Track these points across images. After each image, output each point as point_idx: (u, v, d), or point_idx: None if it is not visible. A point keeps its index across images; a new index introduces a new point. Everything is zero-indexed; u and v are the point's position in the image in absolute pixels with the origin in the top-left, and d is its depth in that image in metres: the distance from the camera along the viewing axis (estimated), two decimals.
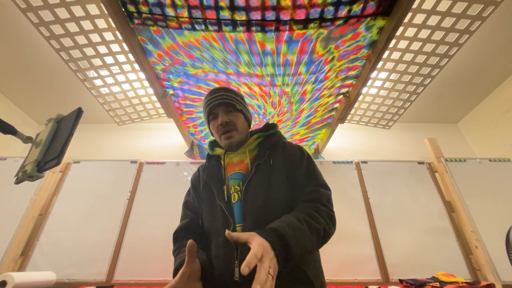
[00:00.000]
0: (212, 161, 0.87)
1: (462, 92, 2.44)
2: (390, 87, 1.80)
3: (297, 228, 0.59)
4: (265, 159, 0.78)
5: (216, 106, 0.84)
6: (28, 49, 1.97)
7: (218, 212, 0.73)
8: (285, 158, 0.80)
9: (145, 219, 1.91)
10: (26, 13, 1.25)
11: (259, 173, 0.75)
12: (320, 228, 0.63)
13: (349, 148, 2.65)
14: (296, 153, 0.82)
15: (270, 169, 0.76)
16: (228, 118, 0.83)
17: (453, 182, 2.01)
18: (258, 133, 0.87)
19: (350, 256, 1.77)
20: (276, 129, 0.90)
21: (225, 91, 0.87)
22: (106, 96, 1.81)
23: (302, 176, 0.76)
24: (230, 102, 0.84)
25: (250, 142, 0.85)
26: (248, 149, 0.83)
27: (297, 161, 0.79)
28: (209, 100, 0.86)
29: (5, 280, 1.33)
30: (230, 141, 0.82)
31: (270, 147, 0.82)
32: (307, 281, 0.63)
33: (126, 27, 1.26)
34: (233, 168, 0.81)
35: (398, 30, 1.23)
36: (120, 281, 1.70)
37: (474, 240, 1.77)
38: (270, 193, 0.72)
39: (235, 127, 0.83)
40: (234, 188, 0.76)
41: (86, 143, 2.65)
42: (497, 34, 1.89)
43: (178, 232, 0.80)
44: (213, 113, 0.86)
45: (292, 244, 0.55)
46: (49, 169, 0.76)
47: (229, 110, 0.85)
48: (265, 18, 1.19)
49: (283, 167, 0.77)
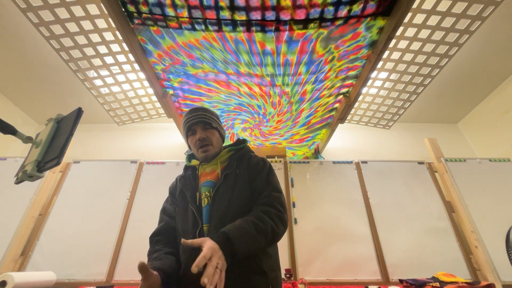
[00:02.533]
0: (188, 171, 0.98)
1: (462, 92, 2.44)
2: (390, 87, 1.80)
3: (244, 230, 0.71)
4: (233, 169, 0.90)
5: (195, 123, 0.95)
6: (28, 49, 1.97)
7: (189, 215, 0.84)
8: (249, 168, 0.92)
9: (145, 219, 1.92)
10: (26, 13, 1.25)
11: (226, 181, 0.87)
12: (267, 228, 0.74)
13: (349, 148, 2.65)
14: (259, 163, 0.94)
15: (236, 177, 0.88)
16: (205, 134, 0.94)
17: (453, 182, 2.01)
18: (229, 147, 0.99)
19: (350, 256, 1.77)
20: (246, 144, 1.02)
21: (203, 111, 0.98)
22: (106, 96, 1.81)
23: (261, 183, 0.87)
24: (207, 120, 0.96)
25: (222, 154, 0.96)
26: (220, 161, 0.94)
27: (259, 171, 0.91)
28: (188, 118, 0.97)
29: (5, 280, 1.33)
30: (206, 154, 0.93)
31: (238, 159, 0.94)
32: (261, 272, 0.75)
33: (126, 27, 1.26)
34: (206, 177, 0.92)
35: (398, 30, 1.24)
36: (120, 281, 1.69)
37: (474, 240, 1.77)
38: (233, 198, 0.83)
39: (211, 142, 0.95)
40: (205, 194, 0.87)
41: (86, 143, 2.65)
42: (497, 34, 1.89)
43: (152, 236, 0.91)
44: (191, 129, 0.96)
45: (237, 244, 0.66)
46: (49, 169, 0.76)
47: (206, 128, 0.96)
48: (265, 18, 1.19)
49: (247, 176, 0.89)
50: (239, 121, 2.13)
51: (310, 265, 1.74)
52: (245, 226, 0.72)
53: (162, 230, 0.91)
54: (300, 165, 2.20)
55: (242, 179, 0.88)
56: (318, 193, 2.04)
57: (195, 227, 0.80)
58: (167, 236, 0.89)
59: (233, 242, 0.66)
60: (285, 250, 1.78)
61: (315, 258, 1.76)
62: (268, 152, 2.26)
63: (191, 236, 0.79)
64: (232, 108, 1.94)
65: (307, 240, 1.83)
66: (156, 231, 0.91)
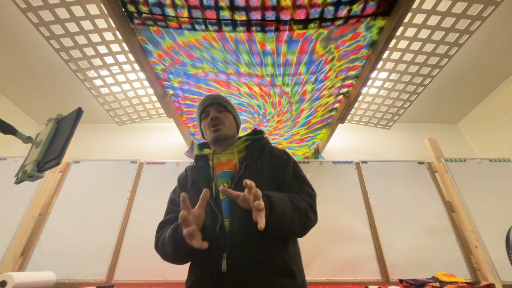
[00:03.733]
0: (201, 161, 0.91)
1: (462, 92, 2.44)
2: (390, 87, 1.80)
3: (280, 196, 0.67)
4: (253, 160, 0.84)
5: (209, 105, 0.93)
6: (28, 49, 1.97)
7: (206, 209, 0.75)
8: (273, 160, 0.86)
9: (145, 219, 1.92)
10: (26, 13, 1.25)
11: (247, 172, 0.80)
12: (301, 208, 0.70)
13: (349, 148, 2.65)
14: (282, 156, 0.89)
15: (257, 169, 0.82)
16: (218, 115, 0.91)
17: (453, 182, 2.01)
18: (246, 136, 0.94)
19: (350, 256, 1.77)
20: (263, 134, 0.97)
21: (219, 95, 0.97)
22: (106, 96, 1.82)
23: (289, 178, 0.83)
24: (221, 103, 0.94)
25: (239, 143, 0.91)
26: (237, 150, 0.88)
27: (284, 164, 0.86)
28: (202, 101, 0.95)
29: (5, 280, 1.33)
30: (217, 134, 0.88)
31: (258, 150, 0.88)
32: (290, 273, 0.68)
33: (126, 27, 1.26)
34: (222, 167, 0.85)
35: (398, 30, 1.23)
36: (120, 281, 1.70)
37: (474, 240, 1.77)
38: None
39: (223, 123, 0.91)
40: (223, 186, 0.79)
41: (86, 143, 2.65)
42: (497, 34, 1.89)
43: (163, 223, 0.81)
44: (205, 111, 0.94)
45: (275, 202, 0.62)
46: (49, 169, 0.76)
47: (220, 110, 0.94)
48: (265, 18, 1.19)
49: (270, 169, 0.83)
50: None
51: (310, 265, 1.74)
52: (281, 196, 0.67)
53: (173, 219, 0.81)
54: (300, 165, 2.19)
55: (265, 171, 0.81)
56: (318, 193, 2.03)
57: (215, 222, 0.72)
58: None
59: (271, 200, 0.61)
60: None
61: (315, 258, 1.76)
62: None
63: (211, 231, 0.70)
64: None
65: (307, 240, 1.82)
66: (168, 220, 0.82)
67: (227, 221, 0.73)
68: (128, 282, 1.69)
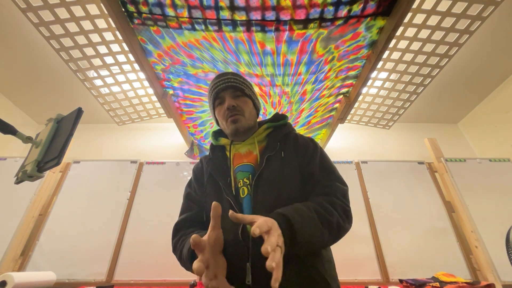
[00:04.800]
0: (217, 152, 0.80)
1: (462, 92, 2.44)
2: (390, 87, 1.80)
3: (305, 215, 0.56)
4: (276, 151, 0.73)
5: (223, 89, 0.79)
6: (28, 49, 1.97)
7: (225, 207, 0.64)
8: (298, 151, 0.75)
9: (145, 219, 1.92)
10: (26, 13, 1.25)
11: (270, 166, 0.69)
12: (332, 220, 0.59)
13: (349, 148, 2.65)
14: (309, 145, 0.77)
15: (282, 162, 0.71)
16: (235, 102, 0.77)
17: (453, 182, 2.01)
18: (267, 123, 0.81)
19: (350, 256, 1.77)
20: (286, 120, 0.83)
21: (233, 75, 0.81)
22: (106, 96, 1.81)
23: (317, 170, 0.71)
24: (238, 86, 0.79)
25: (259, 132, 0.79)
26: (257, 140, 0.77)
27: (311, 155, 0.74)
28: (215, 84, 0.80)
29: (5, 280, 1.33)
30: (236, 125, 0.76)
31: (281, 139, 0.76)
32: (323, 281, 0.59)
33: (126, 27, 1.26)
34: (241, 159, 0.74)
35: (398, 30, 1.23)
36: (120, 281, 1.70)
37: (474, 240, 1.77)
38: (282, 188, 0.67)
39: (242, 112, 0.78)
40: (243, 182, 0.70)
41: (86, 143, 2.65)
42: (497, 34, 1.89)
43: (181, 223, 0.72)
44: (219, 97, 0.80)
45: (298, 228, 0.51)
46: (49, 169, 0.76)
47: (236, 95, 0.79)
48: (265, 18, 1.19)
49: (296, 161, 0.72)
50: None
51: None
52: (306, 211, 0.57)
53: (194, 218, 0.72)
54: None
55: (290, 165, 0.71)
56: None
57: (236, 224, 0.60)
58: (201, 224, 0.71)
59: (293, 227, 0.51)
60: None
61: None
62: None
63: (232, 236, 0.60)
64: None
65: None
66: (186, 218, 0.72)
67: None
68: (128, 282, 1.69)
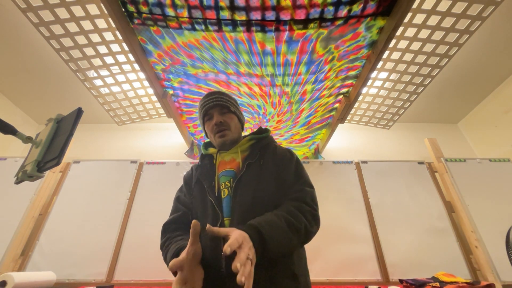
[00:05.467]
0: (205, 160, 0.91)
1: (462, 92, 2.44)
2: (390, 87, 1.80)
3: (274, 225, 0.64)
4: (256, 159, 0.83)
5: (212, 107, 0.90)
6: (28, 49, 1.97)
7: (208, 207, 0.77)
8: (275, 159, 0.85)
9: (145, 219, 1.91)
10: (26, 13, 1.25)
11: (249, 172, 0.80)
12: (300, 227, 0.67)
13: (349, 148, 2.65)
14: (286, 155, 0.88)
15: (260, 168, 0.81)
16: (222, 118, 0.89)
17: (453, 182, 2.01)
18: (251, 135, 0.93)
19: (350, 256, 1.77)
20: (268, 133, 0.95)
21: (220, 94, 0.92)
22: (106, 96, 1.81)
23: (290, 176, 0.81)
24: (224, 104, 0.91)
25: (243, 143, 0.90)
26: (241, 149, 0.88)
27: (286, 163, 0.85)
28: (205, 102, 0.91)
29: (5, 280, 1.33)
30: (224, 139, 0.88)
31: (261, 149, 0.88)
32: (292, 276, 0.68)
33: (126, 27, 1.26)
34: (225, 166, 0.85)
35: (398, 30, 1.23)
36: (120, 281, 1.70)
37: (474, 240, 1.77)
38: (258, 190, 0.76)
39: (229, 127, 0.90)
40: (225, 184, 0.80)
41: (86, 143, 2.65)
42: (497, 34, 1.89)
43: (168, 224, 0.82)
44: (208, 114, 0.91)
45: (268, 239, 0.59)
46: (49, 169, 0.76)
47: (223, 112, 0.91)
48: (265, 18, 1.19)
49: (273, 168, 0.82)
50: None
51: (310, 265, 1.72)
52: (276, 221, 0.65)
53: (179, 219, 0.83)
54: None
55: (267, 171, 0.81)
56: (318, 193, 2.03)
57: (215, 221, 0.73)
58: (185, 225, 0.80)
59: (264, 236, 0.59)
60: None
61: (315, 258, 1.76)
62: None
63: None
64: None
65: None
66: (173, 219, 0.83)
67: (227, 220, 0.74)
68: (128, 282, 1.69)
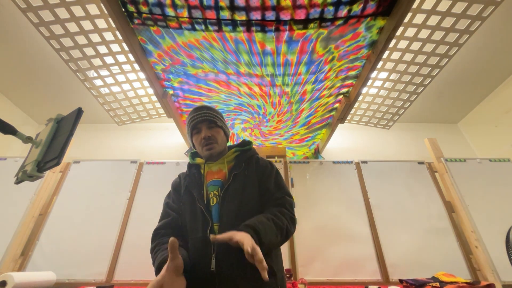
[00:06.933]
0: (193, 169, 0.97)
1: (462, 92, 2.44)
2: (390, 87, 1.80)
3: (266, 225, 0.74)
4: (241, 170, 0.92)
5: (200, 122, 0.96)
6: (28, 49, 1.97)
7: (198, 213, 0.85)
8: (258, 170, 0.94)
9: (145, 219, 1.92)
10: (26, 13, 1.25)
11: (235, 182, 0.89)
12: (283, 226, 0.78)
13: (349, 148, 2.65)
14: (267, 167, 0.97)
15: (245, 179, 0.90)
16: (210, 133, 0.95)
17: (453, 182, 2.00)
18: (235, 147, 1.01)
19: (350, 256, 1.77)
20: (251, 145, 1.03)
21: (208, 109, 0.99)
22: (106, 96, 1.82)
23: (271, 186, 0.91)
24: (212, 119, 0.97)
25: (229, 154, 0.97)
26: (227, 160, 0.96)
27: (268, 174, 0.94)
28: (193, 117, 0.97)
29: (5, 280, 1.33)
30: (211, 152, 0.95)
31: (246, 160, 0.96)
32: (272, 272, 0.75)
33: (126, 27, 1.26)
34: (212, 176, 0.93)
35: (398, 30, 1.24)
36: (120, 281, 1.69)
37: (474, 240, 1.77)
38: (244, 198, 0.85)
39: (216, 140, 0.96)
40: (213, 193, 0.88)
41: (86, 143, 2.65)
42: (497, 34, 1.89)
43: (158, 229, 0.88)
44: (196, 128, 0.97)
45: (263, 236, 0.69)
46: (49, 169, 0.76)
47: (211, 126, 0.97)
48: (265, 18, 1.19)
49: (256, 178, 0.92)
50: (239, 121, 2.13)
51: (310, 265, 1.74)
52: (267, 222, 0.75)
53: (169, 224, 0.89)
54: (300, 165, 2.20)
55: (251, 181, 0.90)
56: (318, 193, 2.04)
57: (206, 226, 0.80)
58: (175, 230, 0.87)
59: (260, 234, 0.68)
60: (285, 250, 1.78)
61: (315, 258, 1.76)
62: (268, 152, 2.26)
63: (201, 234, 0.80)
64: (232, 108, 1.94)
65: (307, 240, 1.83)
66: (163, 225, 0.89)
67: (216, 225, 0.81)
68: (128, 282, 1.69)
